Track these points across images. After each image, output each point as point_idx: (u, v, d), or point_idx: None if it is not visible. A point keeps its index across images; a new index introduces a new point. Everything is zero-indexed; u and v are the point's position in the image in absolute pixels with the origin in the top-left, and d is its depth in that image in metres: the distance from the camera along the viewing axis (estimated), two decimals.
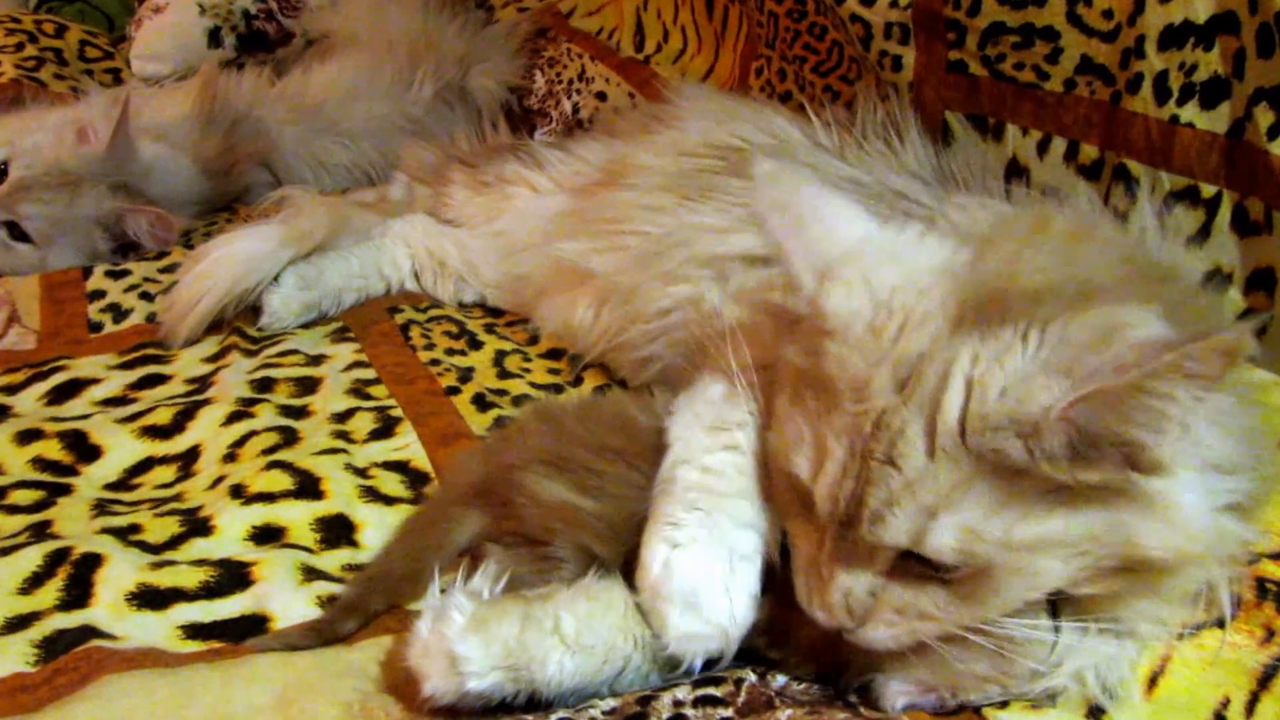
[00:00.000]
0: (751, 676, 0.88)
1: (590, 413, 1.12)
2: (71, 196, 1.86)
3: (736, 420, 0.95)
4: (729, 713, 0.85)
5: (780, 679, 0.89)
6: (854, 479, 0.79)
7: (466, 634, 0.84)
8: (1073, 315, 0.76)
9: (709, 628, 0.85)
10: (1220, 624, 0.85)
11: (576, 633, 0.86)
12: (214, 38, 2.73)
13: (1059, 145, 1.31)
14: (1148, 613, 0.84)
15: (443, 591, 0.90)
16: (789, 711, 0.84)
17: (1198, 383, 0.70)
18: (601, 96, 2.25)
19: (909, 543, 0.77)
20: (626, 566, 0.91)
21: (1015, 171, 1.34)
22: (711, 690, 0.87)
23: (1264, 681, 0.82)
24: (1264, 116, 1.09)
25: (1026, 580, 0.78)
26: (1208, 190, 1.16)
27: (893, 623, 0.81)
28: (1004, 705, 0.86)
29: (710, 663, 0.88)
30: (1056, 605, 0.84)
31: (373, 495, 1.18)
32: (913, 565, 0.79)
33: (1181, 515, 0.78)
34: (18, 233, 1.84)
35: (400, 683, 0.90)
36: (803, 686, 0.88)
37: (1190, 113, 1.16)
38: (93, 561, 1.05)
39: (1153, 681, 0.85)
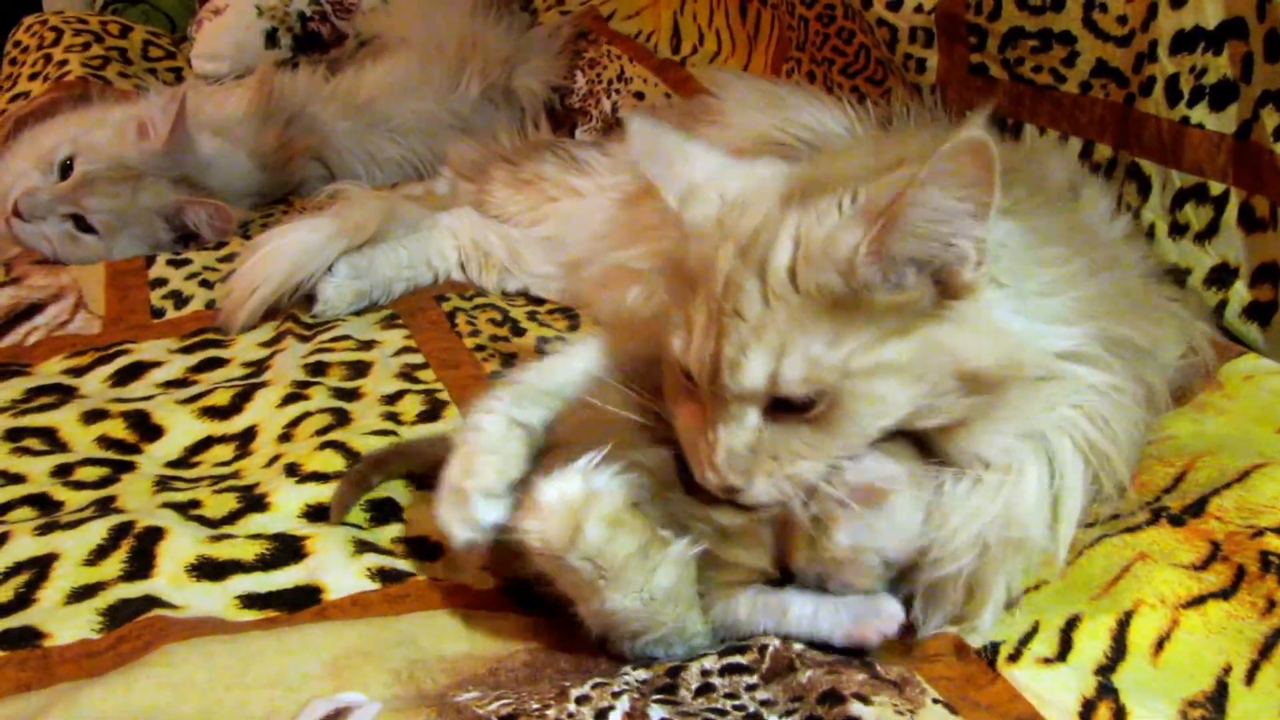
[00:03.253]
0: (775, 643, 0.90)
1: None
2: (134, 190, 1.89)
3: (525, 369, 1.07)
4: (754, 679, 0.86)
5: (800, 644, 0.90)
6: (713, 339, 0.86)
7: (603, 523, 0.85)
8: (878, 179, 0.84)
9: (458, 496, 0.97)
10: (1232, 589, 0.88)
11: (655, 588, 0.87)
12: (271, 38, 2.78)
13: (1075, 144, 1.33)
14: (997, 444, 0.90)
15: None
16: (810, 672, 0.86)
17: (963, 189, 0.78)
18: (639, 96, 2.27)
19: (765, 383, 0.84)
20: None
21: None
22: (738, 659, 0.88)
23: (1265, 651, 0.84)
24: (1270, 118, 1.12)
25: (876, 406, 0.86)
26: (1216, 188, 1.18)
27: (771, 471, 0.88)
28: (1016, 659, 0.88)
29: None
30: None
31: (419, 484, 1.19)
32: (779, 415, 0.86)
33: (993, 327, 0.86)
34: (83, 225, 1.86)
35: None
36: (823, 660, 0.89)
37: (1200, 114, 1.19)
38: (155, 535, 1.07)
39: (1159, 647, 0.86)
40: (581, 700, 0.84)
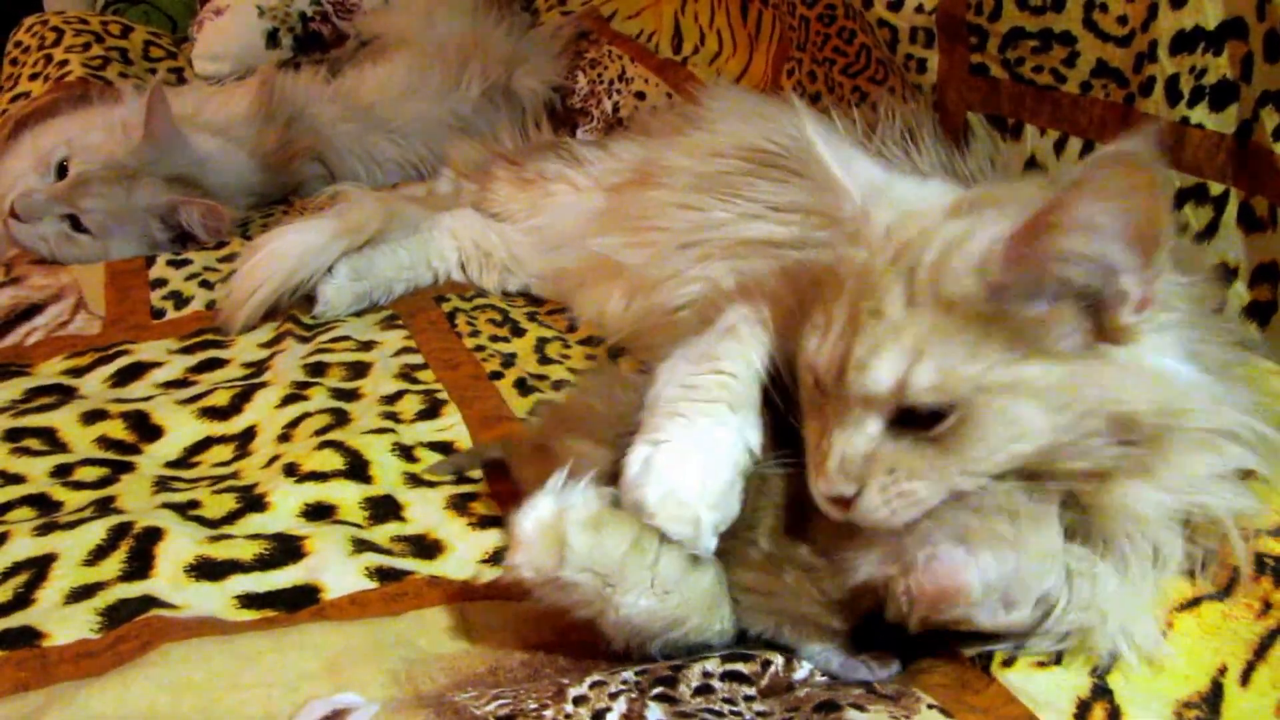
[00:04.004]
0: (778, 660, 0.90)
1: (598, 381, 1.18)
2: (129, 189, 1.90)
3: (725, 352, 0.97)
4: (752, 691, 0.87)
5: (802, 671, 0.90)
6: (847, 338, 0.83)
7: (584, 529, 0.84)
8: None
9: (682, 509, 0.87)
10: (1227, 590, 0.87)
11: (665, 579, 0.86)
12: (272, 39, 2.79)
13: (1075, 144, 1.32)
14: (1154, 500, 0.84)
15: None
16: (808, 689, 0.87)
17: (1121, 209, 0.74)
18: (640, 96, 2.27)
19: (891, 387, 0.81)
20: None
21: (1033, 169, 1.36)
22: (739, 666, 0.89)
23: (1260, 651, 0.84)
24: (1270, 118, 1.11)
25: (1010, 429, 0.80)
26: (1216, 188, 1.17)
27: (885, 486, 0.82)
28: (1010, 663, 0.87)
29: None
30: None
31: (417, 481, 1.21)
32: (904, 430, 0.82)
33: (1154, 372, 0.80)
34: (79, 225, 1.87)
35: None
36: (823, 680, 0.90)
37: (1200, 114, 1.17)
38: (154, 535, 1.08)
39: None
40: (579, 700, 0.84)
